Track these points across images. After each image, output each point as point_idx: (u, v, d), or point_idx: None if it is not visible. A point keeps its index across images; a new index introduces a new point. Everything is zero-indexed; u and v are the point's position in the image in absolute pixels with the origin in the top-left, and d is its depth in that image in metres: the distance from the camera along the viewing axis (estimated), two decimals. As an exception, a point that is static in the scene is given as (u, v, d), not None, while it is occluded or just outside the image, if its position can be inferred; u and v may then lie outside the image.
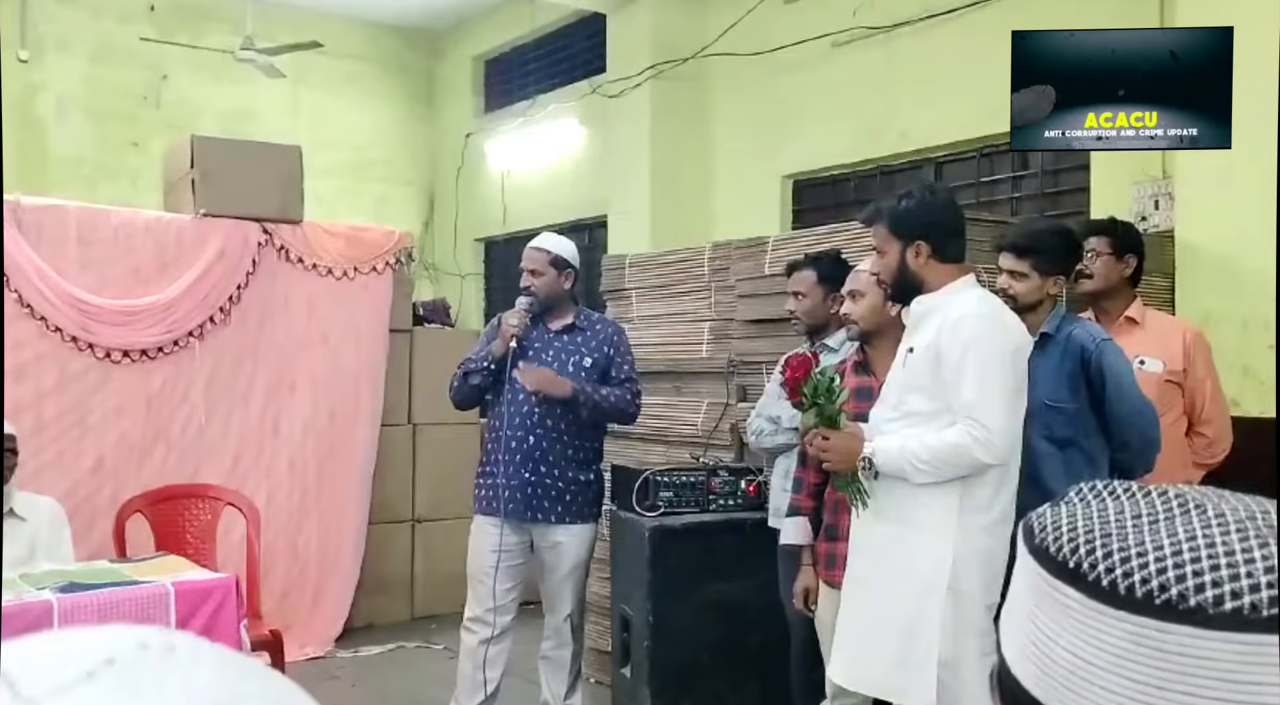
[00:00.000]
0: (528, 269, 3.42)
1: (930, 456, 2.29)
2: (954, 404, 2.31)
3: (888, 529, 2.40)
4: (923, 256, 2.43)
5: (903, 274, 2.46)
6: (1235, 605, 0.45)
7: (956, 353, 2.31)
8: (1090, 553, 0.49)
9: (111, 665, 0.36)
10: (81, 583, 2.89)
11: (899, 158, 5.59)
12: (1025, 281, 2.76)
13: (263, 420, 4.86)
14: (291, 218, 4.97)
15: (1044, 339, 2.74)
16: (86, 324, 4.41)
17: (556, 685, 3.49)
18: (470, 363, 3.46)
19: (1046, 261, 2.75)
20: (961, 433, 2.27)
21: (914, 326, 2.46)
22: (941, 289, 2.43)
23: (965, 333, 2.32)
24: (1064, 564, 0.50)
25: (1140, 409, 2.70)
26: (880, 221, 2.50)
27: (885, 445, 2.37)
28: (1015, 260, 2.78)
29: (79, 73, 7.31)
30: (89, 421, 4.44)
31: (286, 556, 4.84)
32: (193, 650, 0.38)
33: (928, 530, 2.34)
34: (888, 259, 2.48)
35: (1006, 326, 2.38)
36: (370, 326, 5.16)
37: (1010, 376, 2.34)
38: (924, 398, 2.37)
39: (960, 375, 2.30)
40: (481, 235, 8.59)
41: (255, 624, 3.59)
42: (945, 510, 2.34)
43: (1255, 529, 0.47)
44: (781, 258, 3.64)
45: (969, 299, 2.41)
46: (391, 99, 8.74)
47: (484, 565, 3.38)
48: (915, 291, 2.46)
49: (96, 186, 7.10)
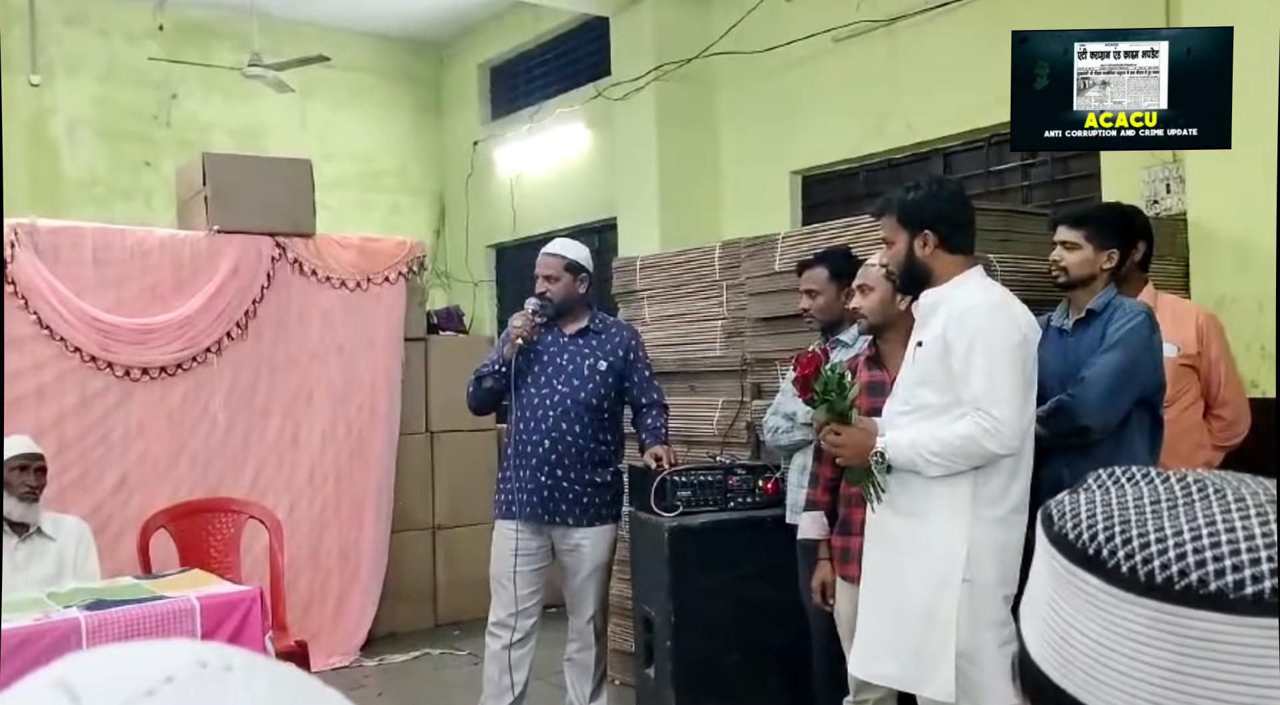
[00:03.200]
0: (543, 275, 3.44)
1: (940, 449, 2.29)
2: (963, 395, 2.31)
3: (902, 522, 2.40)
4: (930, 246, 2.44)
5: (910, 264, 2.46)
6: (1256, 590, 0.44)
7: (964, 344, 2.31)
8: (1110, 539, 0.49)
9: (171, 683, 0.37)
10: (108, 600, 2.92)
11: (907, 150, 5.58)
12: (1078, 252, 2.72)
13: (282, 432, 4.89)
14: (304, 231, 5.01)
15: (1089, 316, 2.70)
16: (105, 343, 4.45)
17: (582, 687, 3.50)
18: (483, 368, 3.49)
19: (1100, 234, 2.73)
20: (971, 424, 2.26)
21: (923, 320, 2.46)
22: (949, 281, 2.42)
23: (972, 323, 2.31)
24: (1083, 551, 0.50)
25: (1093, 386, 2.55)
26: (889, 212, 2.51)
27: (896, 439, 2.36)
28: (1069, 230, 2.75)
29: (89, 94, 7.38)
30: (111, 440, 4.48)
31: (309, 567, 4.87)
32: (248, 668, 0.39)
33: (941, 522, 2.34)
34: (896, 249, 2.49)
35: (1014, 316, 2.37)
36: (385, 336, 5.19)
37: (1019, 366, 2.33)
38: (934, 391, 2.37)
39: (968, 366, 2.30)
40: (492, 242, 8.62)
41: (281, 635, 3.61)
42: (958, 502, 2.33)
43: (1276, 513, 0.47)
44: (792, 254, 3.64)
45: (975, 289, 2.41)
46: (399, 109, 8.78)
47: (506, 569, 3.40)
48: (923, 282, 2.46)
49: (111, 207, 7.17)
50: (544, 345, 3.43)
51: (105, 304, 4.49)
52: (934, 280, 2.45)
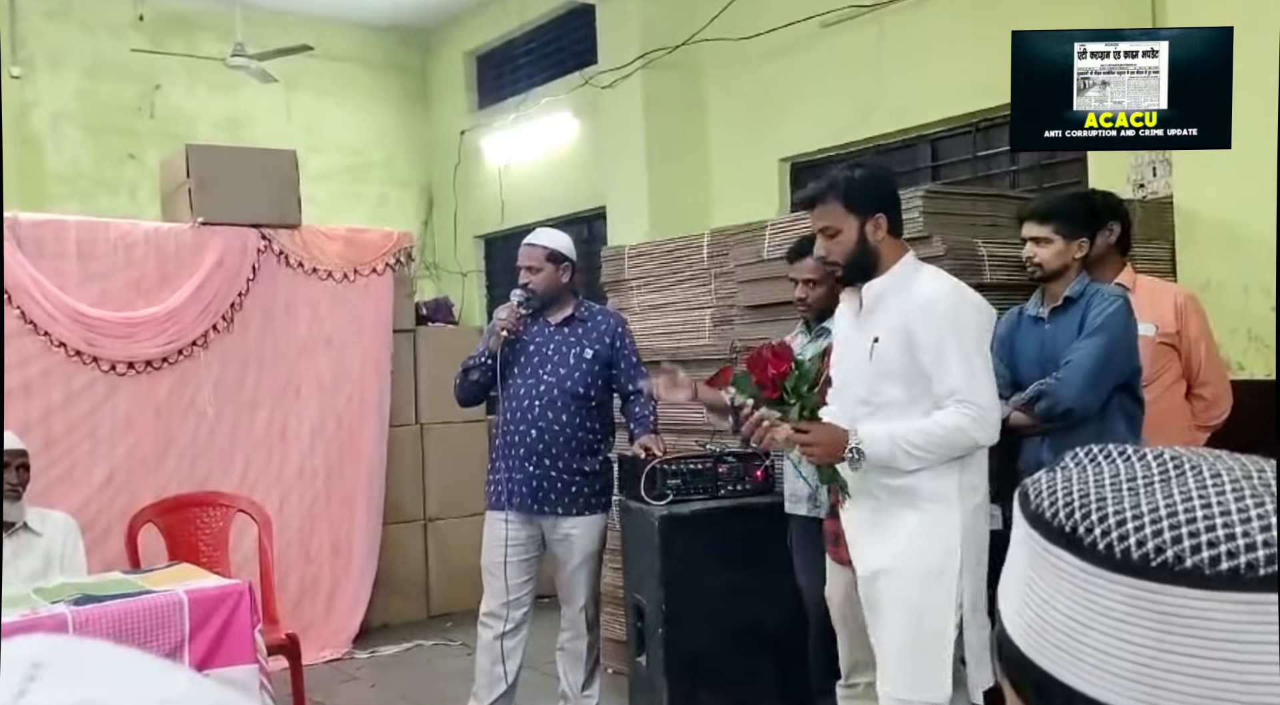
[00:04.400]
0: (524, 266, 3.44)
1: (925, 441, 2.21)
2: (937, 388, 2.23)
3: (892, 520, 2.32)
4: (881, 231, 2.32)
5: (862, 252, 2.33)
6: (1232, 565, 0.44)
7: (933, 335, 2.23)
8: (1085, 517, 0.49)
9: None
10: (95, 595, 2.91)
11: (894, 136, 5.58)
12: (1049, 246, 2.78)
13: (270, 426, 4.87)
14: (289, 222, 4.98)
15: (1066, 303, 2.75)
16: (90, 338, 4.42)
17: (575, 676, 3.51)
18: (470, 360, 3.48)
19: (1069, 225, 2.78)
20: (957, 415, 2.20)
21: (869, 313, 2.35)
22: (891, 269, 2.33)
23: (940, 313, 2.24)
24: (1059, 529, 0.49)
25: (1076, 371, 2.60)
26: (831, 197, 2.34)
27: (874, 433, 2.25)
28: (1038, 226, 2.80)
29: (72, 87, 7.32)
30: (98, 435, 4.46)
31: (300, 560, 4.86)
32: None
33: (935, 514, 2.28)
34: (843, 237, 2.33)
35: (976, 301, 2.34)
36: (373, 328, 5.17)
37: (988, 353, 2.30)
38: (899, 386, 2.28)
39: (942, 358, 2.22)
40: (481, 232, 8.59)
41: (271, 628, 3.61)
42: (947, 493, 2.28)
43: (1251, 488, 0.47)
44: (780, 242, 3.63)
45: (928, 276, 2.33)
46: (385, 99, 8.73)
47: (497, 560, 3.40)
48: (869, 272, 2.34)
49: (95, 200, 7.12)
50: (529, 335, 3.42)
51: (90, 298, 4.46)
52: (878, 269, 2.34)
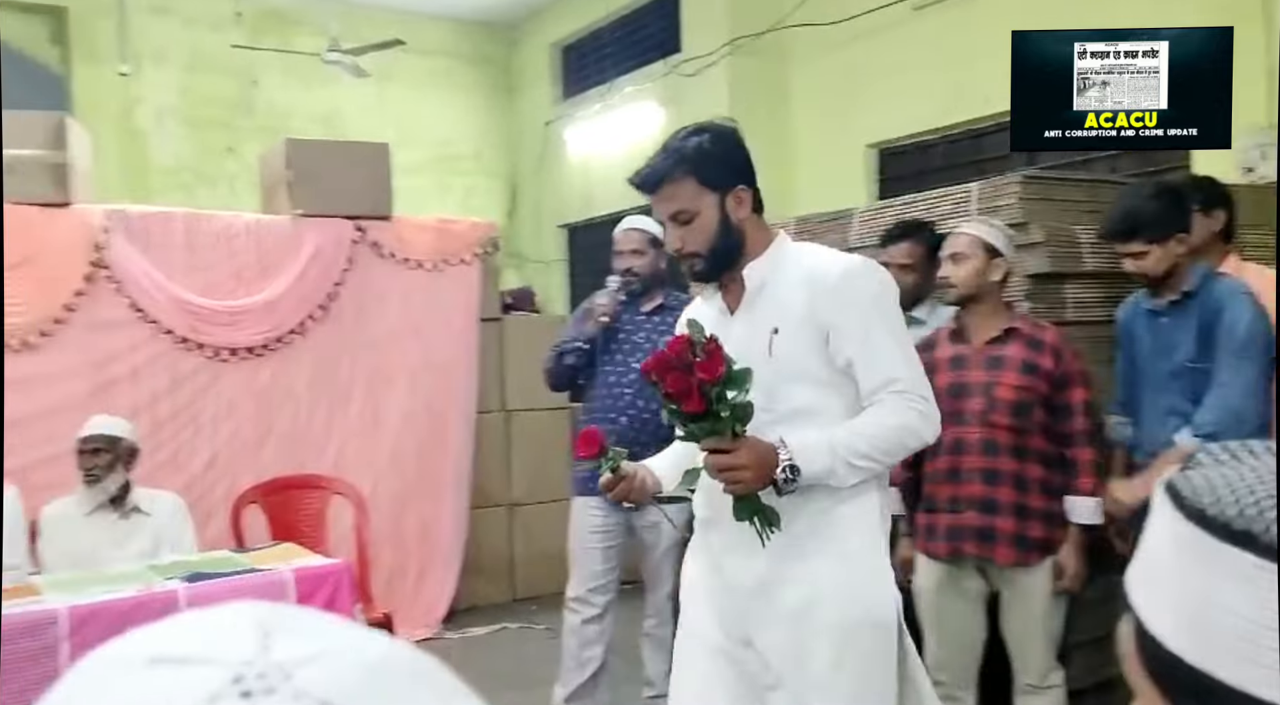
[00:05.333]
0: (628, 250, 3.45)
1: (870, 448, 1.79)
2: (868, 381, 1.83)
3: (818, 560, 1.85)
4: (745, 206, 1.92)
5: (726, 234, 1.90)
6: None
7: (853, 323, 1.82)
8: (1260, 514, 0.48)
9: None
10: (206, 572, 3.04)
11: (986, 120, 5.45)
12: (1146, 258, 2.64)
13: (363, 412, 5.00)
14: (382, 214, 5.10)
15: (1184, 297, 2.63)
16: (196, 325, 4.60)
17: (659, 663, 3.53)
18: (565, 344, 3.52)
19: (1156, 229, 2.62)
20: (903, 410, 1.80)
21: (749, 307, 1.93)
22: (766, 252, 1.93)
23: (858, 292, 1.84)
24: (1228, 526, 0.48)
25: (1234, 373, 2.49)
26: (681, 172, 1.89)
27: (808, 444, 1.77)
28: (1126, 243, 2.67)
29: (175, 83, 7.58)
30: (201, 420, 4.63)
31: (390, 543, 4.99)
32: (296, 695, 0.36)
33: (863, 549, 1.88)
34: (701, 220, 1.89)
35: (888, 277, 1.94)
36: (461, 317, 5.26)
37: (909, 337, 1.93)
38: (808, 387, 1.85)
39: (870, 343, 1.82)
40: (564, 221, 8.66)
41: (368, 607, 3.71)
42: (871, 516, 1.89)
43: None
44: (869, 229, 3.59)
45: (824, 254, 1.94)
46: (472, 92, 8.85)
47: (584, 545, 3.44)
48: (736, 259, 1.93)
49: (196, 193, 7.38)
50: (620, 323, 3.45)
51: (195, 287, 4.63)
52: (746, 253, 1.92)
